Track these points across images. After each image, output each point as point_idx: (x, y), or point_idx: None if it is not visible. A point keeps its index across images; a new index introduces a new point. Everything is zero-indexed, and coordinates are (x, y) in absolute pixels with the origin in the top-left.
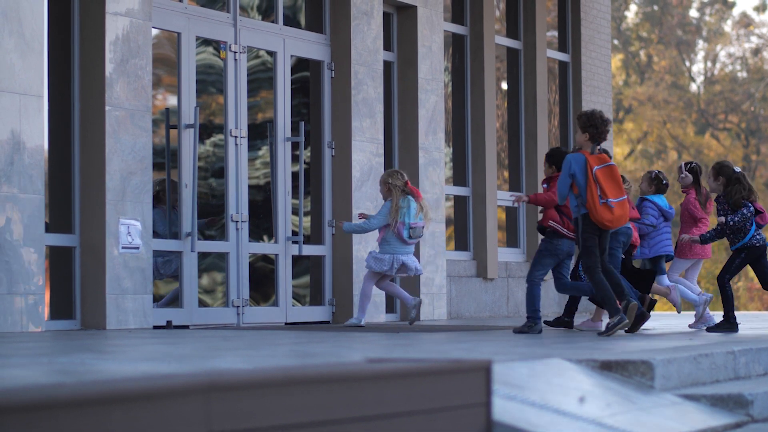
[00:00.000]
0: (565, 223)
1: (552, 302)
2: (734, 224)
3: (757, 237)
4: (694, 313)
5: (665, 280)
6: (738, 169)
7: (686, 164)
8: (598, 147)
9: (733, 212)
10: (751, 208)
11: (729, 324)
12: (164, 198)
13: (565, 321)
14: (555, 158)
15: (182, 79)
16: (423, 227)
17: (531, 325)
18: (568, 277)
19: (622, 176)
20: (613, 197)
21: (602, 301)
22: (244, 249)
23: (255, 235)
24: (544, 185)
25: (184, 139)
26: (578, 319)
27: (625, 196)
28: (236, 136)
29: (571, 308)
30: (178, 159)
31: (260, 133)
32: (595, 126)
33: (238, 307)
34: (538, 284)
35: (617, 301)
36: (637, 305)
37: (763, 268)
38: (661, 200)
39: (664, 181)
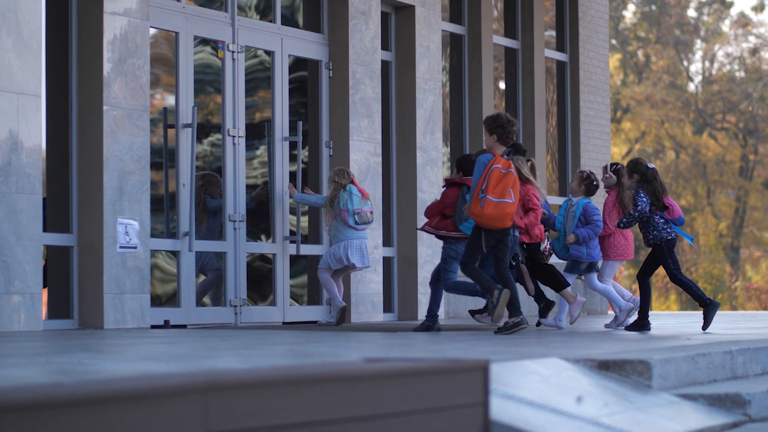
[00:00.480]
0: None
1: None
2: (627, 221)
3: (668, 230)
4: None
5: (597, 282)
6: (651, 165)
7: (612, 165)
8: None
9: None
10: (644, 205)
11: (643, 323)
12: (214, 191)
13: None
14: (463, 165)
15: (180, 78)
16: (371, 212)
17: (429, 324)
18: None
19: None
20: (492, 195)
21: (484, 291)
22: (241, 249)
23: (253, 234)
24: (444, 187)
25: (182, 138)
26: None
27: (509, 201)
28: (234, 136)
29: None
30: (175, 158)
31: (258, 132)
32: (502, 127)
33: (235, 306)
34: (456, 285)
35: (491, 293)
36: (508, 292)
37: (676, 260)
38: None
39: (594, 182)
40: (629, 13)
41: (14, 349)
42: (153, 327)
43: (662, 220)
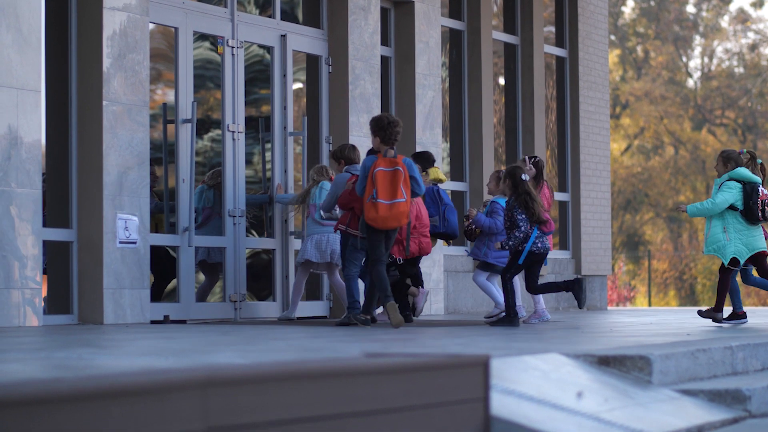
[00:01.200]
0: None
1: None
2: (513, 244)
3: (539, 244)
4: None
5: (478, 277)
6: (526, 177)
7: (530, 158)
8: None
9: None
10: (525, 224)
11: (509, 318)
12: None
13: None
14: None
15: (180, 74)
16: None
17: (350, 316)
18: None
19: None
20: (383, 198)
21: (378, 291)
22: (241, 244)
23: (252, 230)
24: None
25: (182, 134)
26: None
27: (402, 200)
28: (233, 131)
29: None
30: (175, 154)
31: (258, 127)
32: (383, 129)
33: (235, 302)
34: (355, 278)
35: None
36: (395, 304)
37: (536, 273)
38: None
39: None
40: (628, 8)
41: (14, 345)
42: (153, 322)
43: (537, 233)
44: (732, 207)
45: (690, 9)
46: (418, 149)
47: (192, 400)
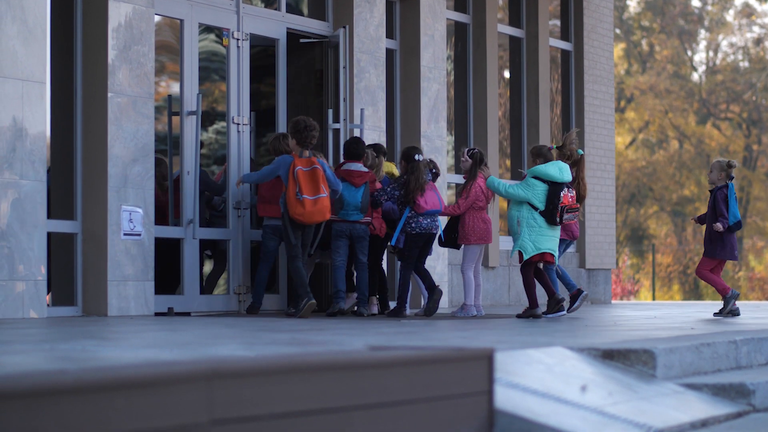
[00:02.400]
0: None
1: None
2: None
3: (412, 224)
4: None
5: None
6: (420, 157)
7: (468, 150)
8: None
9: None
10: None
11: (399, 309)
12: None
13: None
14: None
15: (185, 66)
16: None
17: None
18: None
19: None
20: (308, 194)
21: (296, 286)
22: (245, 236)
23: (257, 222)
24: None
25: (187, 126)
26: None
27: (324, 195)
28: (238, 123)
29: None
30: (180, 146)
31: (263, 120)
32: (300, 132)
33: (239, 294)
34: (340, 267)
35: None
36: (314, 303)
37: (424, 253)
38: None
39: (434, 170)
40: (633, 2)
41: (18, 336)
42: (157, 314)
43: (411, 213)
44: (531, 204)
45: (695, 3)
46: (423, 142)
47: (197, 393)
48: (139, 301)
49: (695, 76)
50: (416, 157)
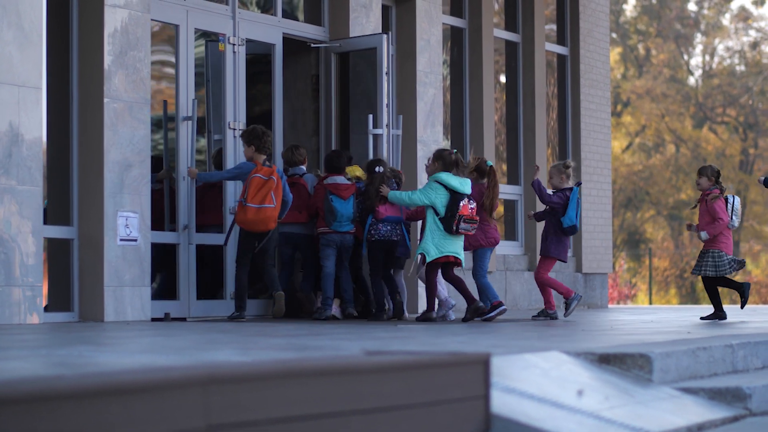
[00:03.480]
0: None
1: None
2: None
3: (372, 231)
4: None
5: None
6: (380, 168)
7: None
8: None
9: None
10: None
11: (377, 314)
12: None
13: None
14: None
15: (180, 71)
16: None
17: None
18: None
19: None
20: (253, 202)
21: (236, 294)
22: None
23: None
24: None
25: (182, 131)
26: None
27: (270, 205)
28: (234, 129)
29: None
30: (176, 151)
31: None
32: (258, 138)
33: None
34: (329, 275)
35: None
36: (282, 294)
37: (390, 261)
38: None
39: (398, 180)
40: (629, 6)
41: (15, 342)
42: (153, 320)
43: (372, 221)
44: (434, 208)
45: (691, 7)
46: (419, 147)
47: (193, 398)
48: (135, 307)
49: (692, 80)
50: (376, 169)
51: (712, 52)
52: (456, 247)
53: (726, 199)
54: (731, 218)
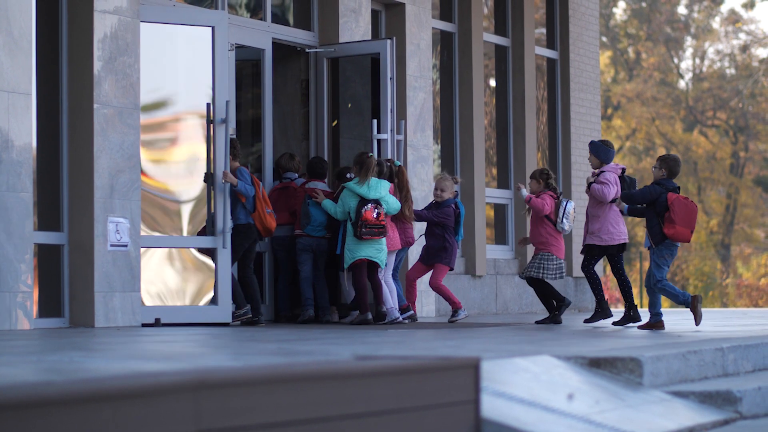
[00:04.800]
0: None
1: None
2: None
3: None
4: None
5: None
6: (351, 175)
7: (387, 160)
8: None
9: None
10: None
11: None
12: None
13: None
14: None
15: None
16: None
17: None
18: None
19: None
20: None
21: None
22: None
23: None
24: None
25: (219, 134)
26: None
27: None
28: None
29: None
30: (212, 155)
31: (250, 129)
32: (234, 148)
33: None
34: (307, 278)
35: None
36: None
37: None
38: None
39: (348, 174)
40: (619, 10)
41: (5, 348)
42: (144, 325)
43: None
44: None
45: (681, 10)
46: (410, 151)
47: (183, 403)
48: (126, 312)
49: (682, 84)
50: (348, 175)
51: (702, 56)
52: (369, 251)
53: (560, 203)
54: (562, 222)
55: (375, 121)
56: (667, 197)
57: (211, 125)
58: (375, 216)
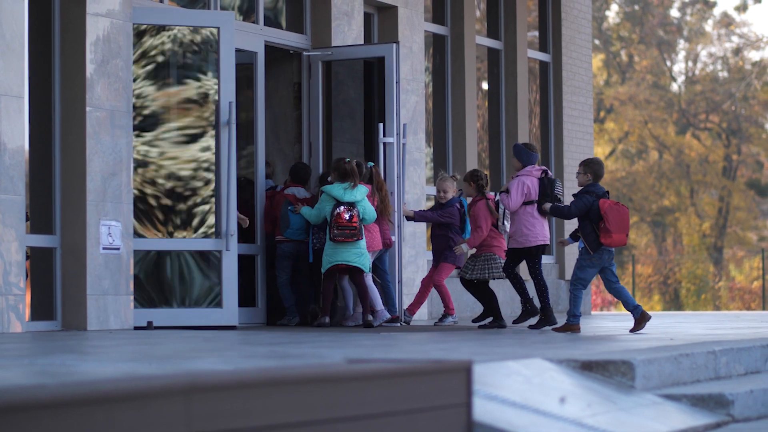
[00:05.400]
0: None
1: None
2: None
3: (314, 240)
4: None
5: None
6: (330, 179)
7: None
8: None
9: None
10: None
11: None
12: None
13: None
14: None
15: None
16: None
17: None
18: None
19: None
20: None
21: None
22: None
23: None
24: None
25: (223, 136)
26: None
27: None
28: None
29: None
30: (217, 158)
31: (242, 133)
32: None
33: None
34: (285, 284)
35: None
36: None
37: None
38: None
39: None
40: (612, 13)
41: None
42: (136, 328)
43: (315, 230)
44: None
45: (674, 13)
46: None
47: (175, 406)
48: (118, 315)
49: (674, 87)
50: (328, 179)
51: (694, 59)
52: (346, 255)
53: (497, 203)
54: (503, 223)
55: (381, 125)
56: (599, 205)
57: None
58: (347, 218)
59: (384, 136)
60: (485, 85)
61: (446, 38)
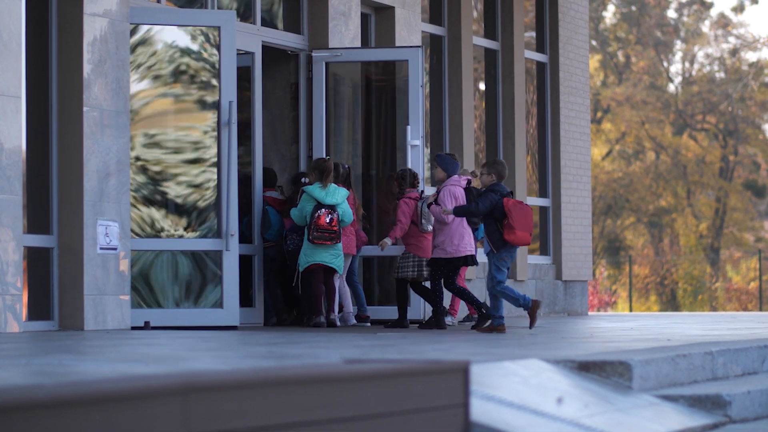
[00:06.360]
0: None
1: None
2: None
3: (288, 241)
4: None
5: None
6: (306, 180)
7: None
8: None
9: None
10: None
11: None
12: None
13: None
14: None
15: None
16: None
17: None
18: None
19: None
20: None
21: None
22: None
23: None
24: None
25: (224, 135)
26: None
27: None
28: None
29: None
30: (219, 157)
31: (240, 133)
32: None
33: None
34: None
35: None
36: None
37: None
38: None
39: (303, 179)
40: (609, 13)
41: None
42: (133, 328)
43: (288, 231)
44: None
45: (671, 14)
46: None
47: (173, 407)
48: (115, 315)
49: (671, 87)
50: (303, 180)
51: (691, 59)
52: (325, 256)
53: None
54: (422, 223)
55: (409, 128)
56: (503, 203)
57: (219, 126)
58: (328, 221)
59: (411, 138)
60: (482, 86)
61: (443, 39)
